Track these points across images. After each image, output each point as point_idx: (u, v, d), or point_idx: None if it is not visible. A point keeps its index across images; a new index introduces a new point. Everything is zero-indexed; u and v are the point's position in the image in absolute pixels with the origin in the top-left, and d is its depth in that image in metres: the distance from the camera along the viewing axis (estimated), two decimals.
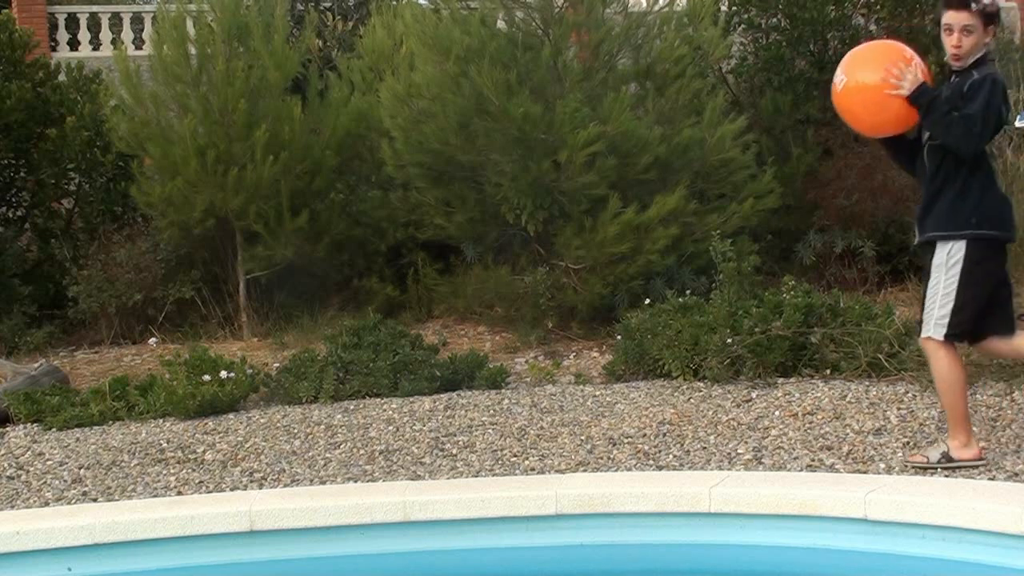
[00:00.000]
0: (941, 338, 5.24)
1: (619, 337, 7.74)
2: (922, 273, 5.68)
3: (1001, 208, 5.29)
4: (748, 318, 7.22)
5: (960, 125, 5.10)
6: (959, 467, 5.29)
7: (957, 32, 5.20)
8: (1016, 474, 5.20)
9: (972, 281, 5.19)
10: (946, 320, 5.21)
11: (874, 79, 5.22)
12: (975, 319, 5.27)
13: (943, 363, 5.28)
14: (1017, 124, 9.17)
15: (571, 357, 8.22)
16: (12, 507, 5.63)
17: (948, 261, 5.20)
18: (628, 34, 9.29)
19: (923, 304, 5.32)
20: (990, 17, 5.21)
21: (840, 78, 5.33)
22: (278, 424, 6.81)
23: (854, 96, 5.33)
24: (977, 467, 5.31)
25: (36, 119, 10.29)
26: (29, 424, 7.16)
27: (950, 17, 5.22)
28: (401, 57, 10.01)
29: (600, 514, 5.14)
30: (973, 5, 5.18)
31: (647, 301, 8.00)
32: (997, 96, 5.15)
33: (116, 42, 16.52)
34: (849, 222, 9.76)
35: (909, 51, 5.33)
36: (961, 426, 5.33)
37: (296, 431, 6.63)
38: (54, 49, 17.12)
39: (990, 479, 5.15)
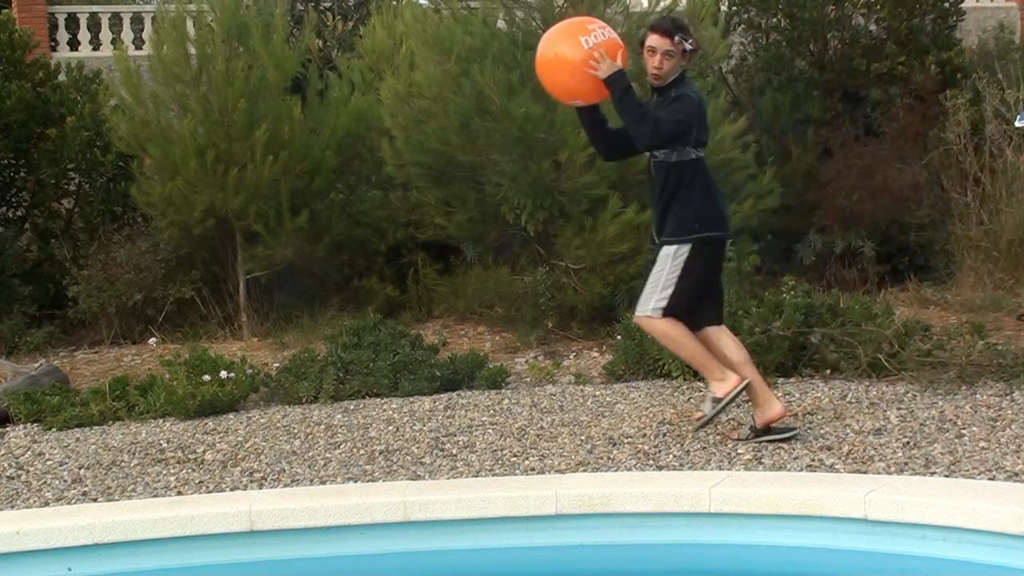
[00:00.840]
0: (657, 315, 5.73)
1: (619, 337, 7.73)
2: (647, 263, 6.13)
3: (720, 210, 5.83)
4: (748, 318, 7.22)
5: (650, 123, 5.61)
6: (730, 403, 5.81)
7: (660, 55, 5.70)
8: (1016, 474, 5.20)
9: (690, 275, 5.72)
10: (663, 304, 5.73)
11: (576, 55, 5.64)
12: (689, 308, 5.78)
13: (661, 327, 5.78)
14: (1017, 124, 9.17)
15: (571, 357, 8.22)
16: (12, 507, 5.62)
17: (675, 255, 5.72)
18: (629, 35, 9.28)
19: (643, 287, 5.81)
20: (688, 52, 5.75)
21: (540, 52, 5.78)
22: (278, 424, 6.81)
23: (551, 66, 5.76)
24: (739, 397, 5.85)
25: (36, 119, 10.28)
26: (29, 424, 7.15)
27: (654, 40, 5.69)
28: (401, 57, 10.01)
29: (600, 514, 5.14)
30: (676, 37, 5.66)
31: None
32: (689, 112, 5.67)
33: (116, 42, 16.52)
34: (849, 222, 9.77)
35: (597, 26, 5.75)
36: (708, 366, 5.80)
37: (296, 431, 6.62)
38: (54, 49, 17.12)
39: (990, 479, 5.15)
